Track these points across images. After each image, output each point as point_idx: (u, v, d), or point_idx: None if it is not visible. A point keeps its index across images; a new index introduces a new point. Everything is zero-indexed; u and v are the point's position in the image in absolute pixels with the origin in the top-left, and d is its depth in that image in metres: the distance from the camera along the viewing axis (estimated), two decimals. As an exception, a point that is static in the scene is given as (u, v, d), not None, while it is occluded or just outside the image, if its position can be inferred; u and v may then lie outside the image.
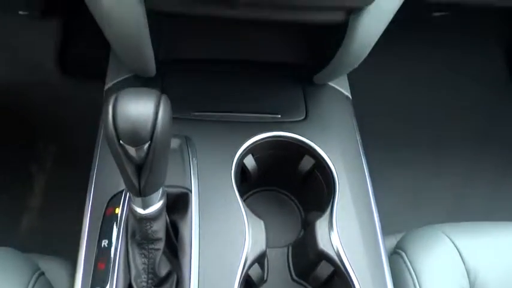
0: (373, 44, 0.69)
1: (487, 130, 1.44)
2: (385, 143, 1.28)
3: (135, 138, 0.49)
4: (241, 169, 0.79)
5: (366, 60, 0.74)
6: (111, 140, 0.50)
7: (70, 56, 1.43)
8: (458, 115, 1.43)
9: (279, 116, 0.81)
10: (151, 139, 0.49)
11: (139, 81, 0.82)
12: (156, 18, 0.64)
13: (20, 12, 1.39)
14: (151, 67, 0.73)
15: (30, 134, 1.38)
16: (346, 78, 0.92)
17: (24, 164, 1.33)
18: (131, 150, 0.50)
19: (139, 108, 0.49)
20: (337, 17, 0.64)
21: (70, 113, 1.38)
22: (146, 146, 0.50)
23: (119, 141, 0.49)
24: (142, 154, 0.51)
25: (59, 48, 1.43)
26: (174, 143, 0.72)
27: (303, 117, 0.82)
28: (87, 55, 1.39)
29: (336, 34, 0.69)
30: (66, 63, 1.42)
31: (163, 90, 0.82)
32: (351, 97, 0.91)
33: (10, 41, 1.42)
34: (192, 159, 0.71)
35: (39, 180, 1.31)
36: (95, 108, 0.93)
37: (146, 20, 0.61)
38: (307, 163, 0.80)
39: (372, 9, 0.63)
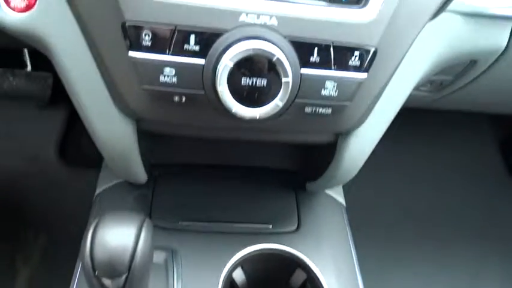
0: (363, 161, 0.70)
1: (489, 228, 1.41)
2: (382, 251, 1.24)
3: (111, 271, 0.47)
4: (230, 283, 0.75)
5: None
6: (86, 271, 0.48)
7: (71, 145, 1.46)
8: (458, 215, 1.41)
9: (270, 226, 0.80)
10: (128, 271, 0.48)
11: (131, 187, 0.82)
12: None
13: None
14: (141, 176, 0.74)
15: (21, 223, 1.36)
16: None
17: (10, 255, 1.30)
18: (107, 282, 0.48)
19: (118, 239, 0.48)
20: (326, 138, 0.65)
21: (64, 205, 1.37)
22: (123, 277, 0.48)
23: (95, 273, 0.48)
24: (120, 285, 0.49)
25: (60, 138, 1.46)
26: (159, 257, 0.70)
27: (294, 228, 0.80)
28: (88, 146, 1.42)
29: (326, 152, 0.70)
30: (66, 153, 1.44)
31: (153, 196, 0.83)
32: (345, 203, 0.90)
33: (13, 129, 1.45)
34: (177, 277, 0.68)
35: (22, 275, 1.26)
36: (90, 201, 0.92)
37: (136, 138, 0.62)
38: (299, 277, 0.77)
39: (360, 130, 0.64)
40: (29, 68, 1.34)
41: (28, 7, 0.57)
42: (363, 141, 0.66)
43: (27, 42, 0.59)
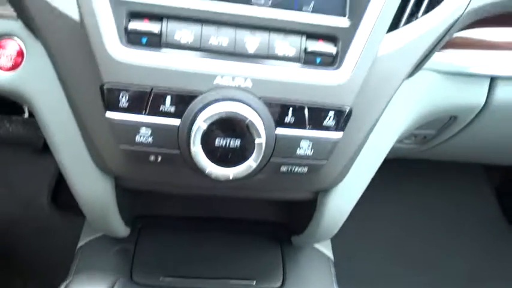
0: (345, 217, 0.69)
1: (487, 274, 1.37)
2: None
3: None
4: None
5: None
6: None
7: (64, 192, 1.45)
8: (453, 265, 1.37)
9: (254, 282, 0.78)
10: None
11: (113, 240, 0.81)
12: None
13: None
14: (121, 231, 0.73)
15: (11, 269, 1.34)
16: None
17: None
18: None
19: None
20: (304, 195, 0.65)
21: (54, 251, 1.35)
22: None
23: None
24: None
25: (54, 184, 1.46)
26: None
27: (279, 284, 0.78)
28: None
29: (307, 207, 0.70)
30: (58, 199, 1.44)
31: (136, 250, 0.82)
32: (332, 257, 0.88)
33: (7, 174, 1.46)
34: None
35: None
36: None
37: (114, 195, 0.63)
38: (282, 336, 0.74)
39: (340, 187, 0.64)
40: (26, 114, 1.36)
41: (14, 66, 0.59)
42: (343, 198, 0.66)
43: (10, 98, 0.61)
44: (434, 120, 0.72)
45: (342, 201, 0.66)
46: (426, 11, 0.56)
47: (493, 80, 0.69)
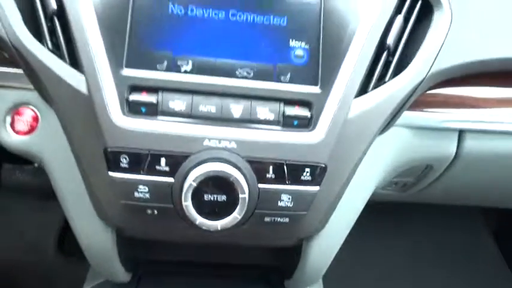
0: (330, 260, 0.74)
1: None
2: None
3: None
4: None
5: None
6: None
7: (70, 237, 1.50)
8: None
9: None
10: None
11: (115, 285, 0.86)
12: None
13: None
14: (121, 276, 0.78)
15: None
16: (321, 280, 0.94)
17: None
18: None
19: None
20: (290, 242, 0.70)
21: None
22: None
23: None
24: None
25: (60, 229, 1.51)
26: None
27: None
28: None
29: (293, 253, 0.75)
30: (64, 244, 1.48)
31: None
32: (323, 299, 0.92)
33: (15, 219, 1.51)
34: None
35: None
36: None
37: (115, 242, 0.69)
38: None
39: (323, 233, 0.70)
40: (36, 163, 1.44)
41: (30, 131, 0.67)
42: (326, 243, 0.71)
43: (23, 157, 0.69)
44: (410, 169, 0.78)
45: (325, 246, 0.71)
46: (393, 76, 0.64)
47: (461, 133, 0.75)
